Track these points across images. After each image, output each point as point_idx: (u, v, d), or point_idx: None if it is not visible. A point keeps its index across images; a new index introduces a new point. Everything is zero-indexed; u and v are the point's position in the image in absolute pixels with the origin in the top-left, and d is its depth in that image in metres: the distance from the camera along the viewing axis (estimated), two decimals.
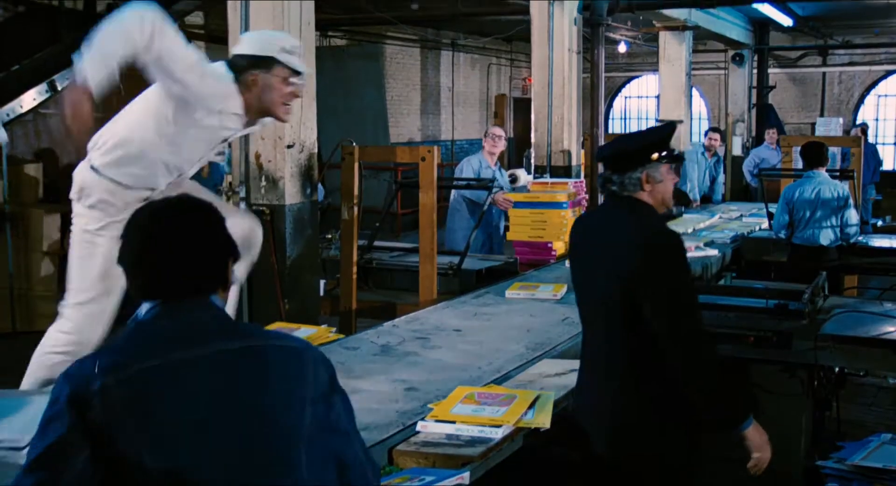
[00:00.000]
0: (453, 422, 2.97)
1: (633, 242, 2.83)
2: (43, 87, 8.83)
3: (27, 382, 3.44)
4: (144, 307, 1.90)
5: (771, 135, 12.58)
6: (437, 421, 2.98)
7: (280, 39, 3.58)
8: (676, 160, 2.97)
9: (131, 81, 10.68)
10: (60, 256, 8.87)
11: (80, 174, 3.58)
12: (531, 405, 3.12)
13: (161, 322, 1.88)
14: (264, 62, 3.49)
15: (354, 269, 5.67)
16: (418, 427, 2.97)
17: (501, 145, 7.99)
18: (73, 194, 3.60)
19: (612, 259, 2.85)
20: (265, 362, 1.87)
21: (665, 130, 3.06)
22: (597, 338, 3.00)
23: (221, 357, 1.83)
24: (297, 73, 3.52)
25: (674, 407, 2.82)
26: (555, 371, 3.67)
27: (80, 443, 1.70)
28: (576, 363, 3.25)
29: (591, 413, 3.00)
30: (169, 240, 1.91)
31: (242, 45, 3.59)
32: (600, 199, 8.79)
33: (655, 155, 2.90)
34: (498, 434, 2.91)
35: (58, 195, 9.59)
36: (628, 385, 2.88)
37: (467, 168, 7.84)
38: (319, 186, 7.64)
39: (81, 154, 3.60)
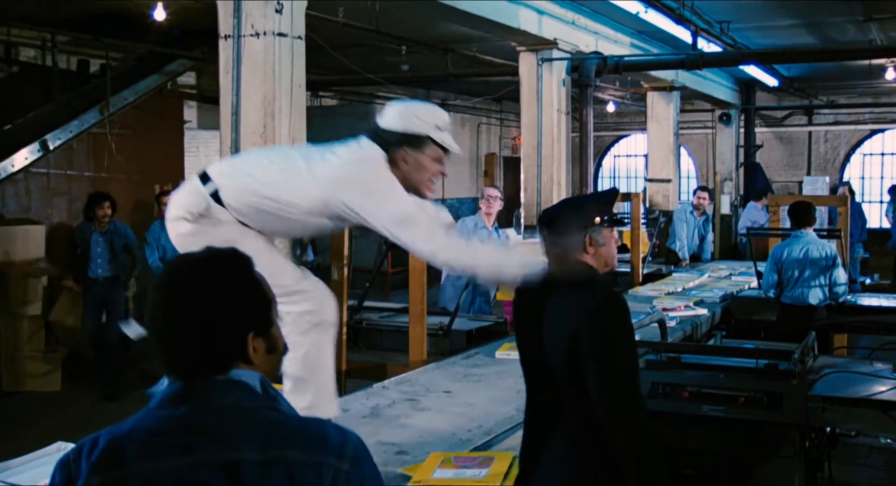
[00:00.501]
0: None
1: (577, 304, 2.78)
2: (35, 146, 8.88)
3: None
4: (165, 380, 1.73)
5: (766, 198, 12.66)
6: None
7: (434, 115, 3.31)
8: (618, 224, 2.97)
9: (121, 140, 10.60)
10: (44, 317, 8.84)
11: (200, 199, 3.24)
12: (510, 466, 3.11)
13: (175, 408, 1.66)
14: (417, 140, 3.26)
15: (345, 329, 5.65)
16: None
17: (497, 205, 7.90)
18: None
19: (557, 322, 2.80)
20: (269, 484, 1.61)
21: (607, 194, 3.07)
22: (542, 403, 2.91)
23: (220, 472, 1.60)
24: (447, 151, 3.32)
25: (621, 474, 2.75)
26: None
27: None
28: None
29: (538, 480, 2.93)
30: (174, 308, 1.68)
31: (392, 119, 3.31)
32: None
33: (598, 219, 2.90)
34: None
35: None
36: (575, 452, 2.79)
37: (461, 228, 7.85)
38: (309, 246, 7.62)
39: None
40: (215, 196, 3.19)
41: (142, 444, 1.61)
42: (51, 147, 9.03)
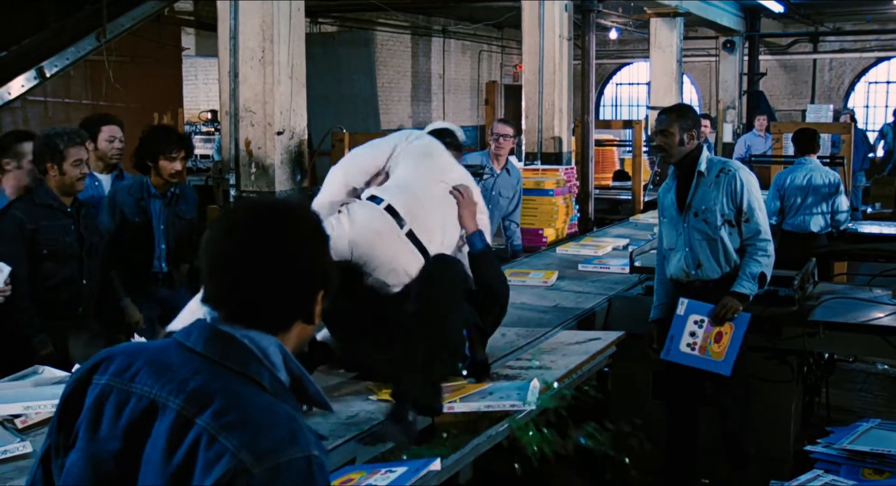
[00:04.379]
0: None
1: None
2: (31, 73, 8.77)
3: None
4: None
5: (760, 122, 12.59)
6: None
7: None
8: None
9: (119, 67, 10.40)
10: None
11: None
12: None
13: (187, 339, 1.56)
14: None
15: None
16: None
17: (509, 145, 6.77)
18: None
19: None
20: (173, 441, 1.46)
21: None
22: None
23: (145, 400, 1.51)
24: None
25: None
26: (540, 364, 3.69)
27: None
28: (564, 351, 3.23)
29: None
30: (256, 248, 1.56)
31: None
32: (590, 184, 8.80)
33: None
34: None
35: None
36: None
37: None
38: None
39: None
40: None
41: (124, 358, 1.58)
42: (48, 75, 8.93)
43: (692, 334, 4.13)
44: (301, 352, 1.69)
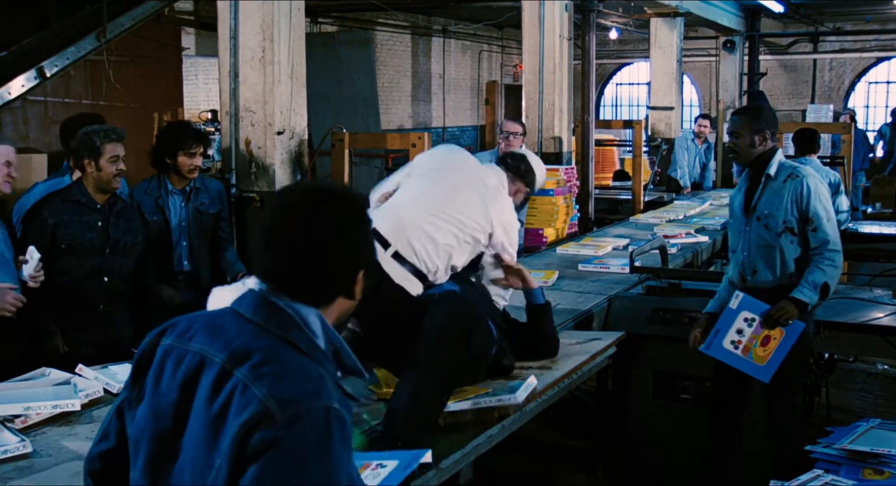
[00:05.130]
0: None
1: None
2: (32, 73, 8.75)
3: None
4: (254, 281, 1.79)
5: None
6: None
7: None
8: None
9: (119, 67, 10.38)
10: None
11: None
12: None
13: (239, 306, 1.76)
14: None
15: None
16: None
17: (518, 143, 6.75)
18: None
19: None
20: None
21: None
22: None
23: (197, 357, 1.71)
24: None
25: None
26: (540, 364, 3.69)
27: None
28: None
29: None
30: (305, 228, 1.72)
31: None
32: (591, 184, 8.80)
33: None
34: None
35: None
36: None
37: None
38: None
39: None
40: None
41: (184, 323, 1.80)
42: (48, 74, 8.92)
43: (739, 332, 3.99)
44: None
